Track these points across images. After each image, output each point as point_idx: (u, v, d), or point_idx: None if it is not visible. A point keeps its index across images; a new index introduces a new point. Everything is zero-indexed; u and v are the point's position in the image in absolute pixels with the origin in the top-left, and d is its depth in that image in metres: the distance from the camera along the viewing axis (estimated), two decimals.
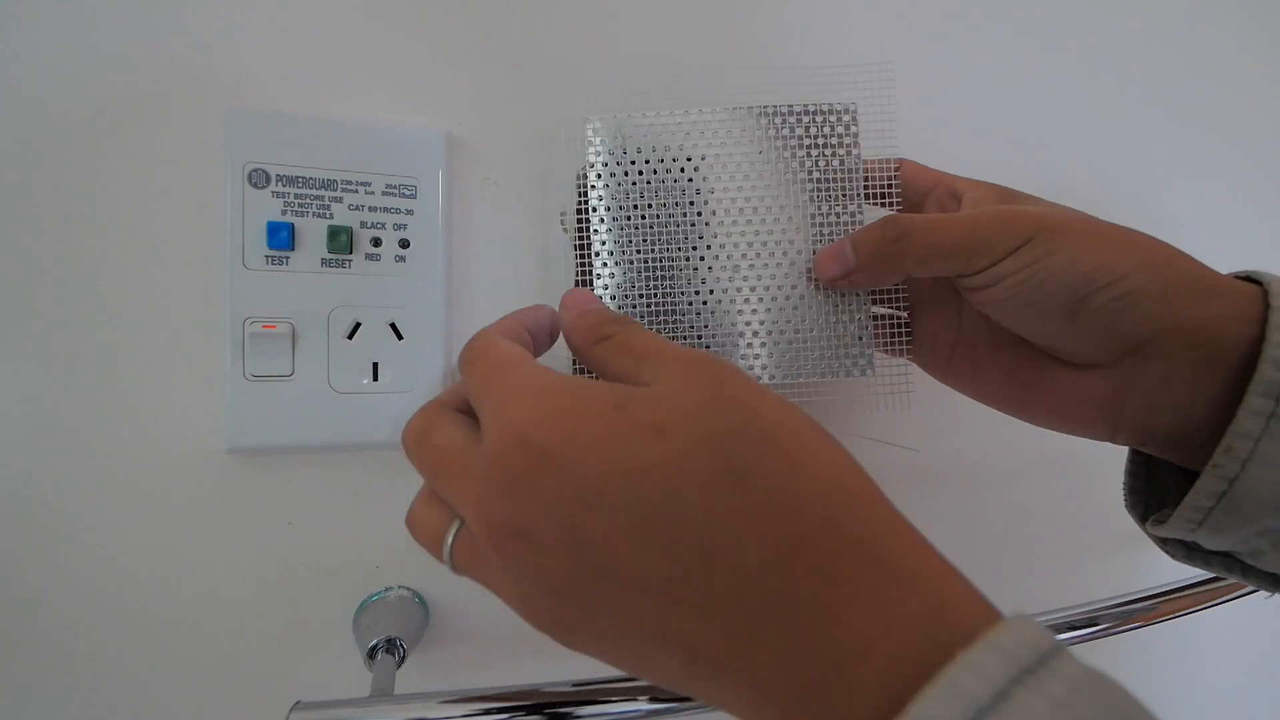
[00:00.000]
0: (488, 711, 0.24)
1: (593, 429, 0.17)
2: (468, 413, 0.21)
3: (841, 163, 0.29)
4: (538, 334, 0.25)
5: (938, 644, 0.13)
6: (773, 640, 0.15)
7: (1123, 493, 0.27)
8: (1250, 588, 0.25)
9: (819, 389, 0.30)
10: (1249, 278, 0.24)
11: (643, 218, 0.28)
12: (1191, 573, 0.37)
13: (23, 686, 0.29)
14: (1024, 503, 0.45)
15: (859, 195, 0.29)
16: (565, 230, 0.33)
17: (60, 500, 0.28)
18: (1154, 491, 0.27)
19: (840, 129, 0.29)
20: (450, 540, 0.20)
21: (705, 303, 0.29)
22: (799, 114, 0.29)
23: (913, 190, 0.30)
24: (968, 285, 0.25)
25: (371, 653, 0.29)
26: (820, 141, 0.29)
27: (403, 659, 0.29)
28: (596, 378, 0.22)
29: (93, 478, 0.28)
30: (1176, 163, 0.48)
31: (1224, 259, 0.26)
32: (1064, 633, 0.33)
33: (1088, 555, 0.49)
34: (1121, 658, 0.46)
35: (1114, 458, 0.46)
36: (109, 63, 0.27)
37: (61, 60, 0.27)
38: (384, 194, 0.30)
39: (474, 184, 0.32)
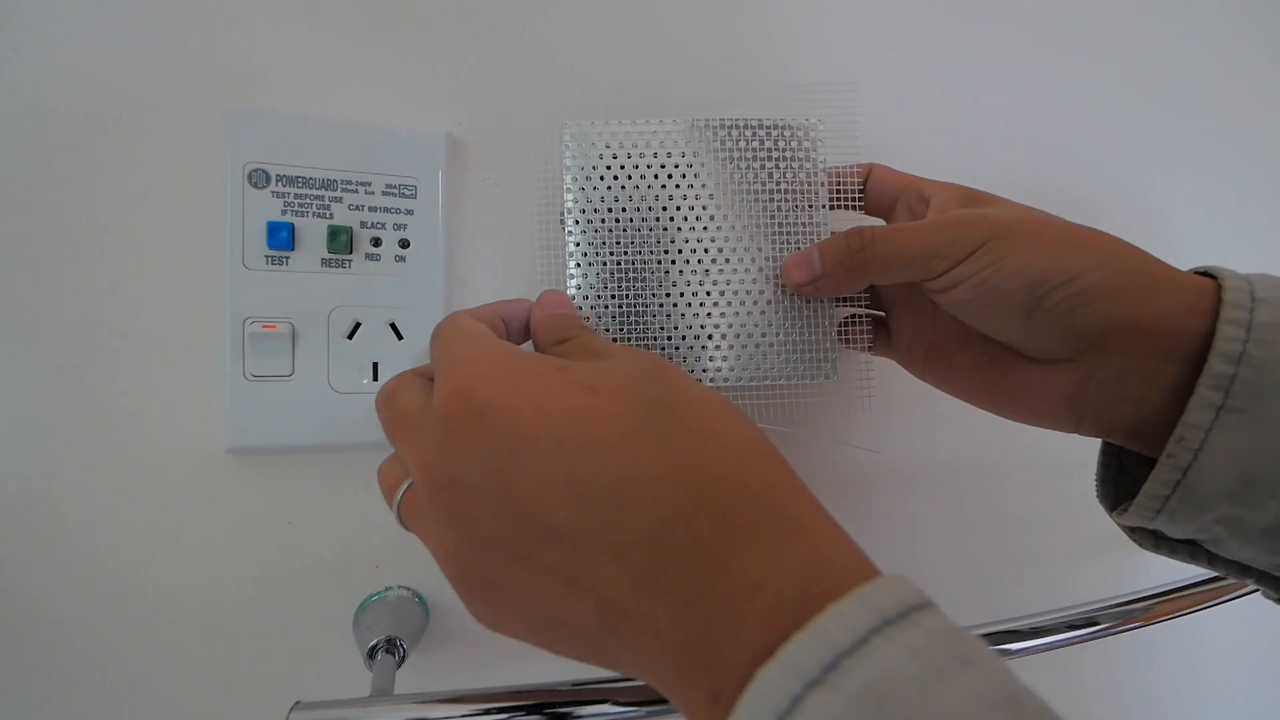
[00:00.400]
0: (488, 711, 0.24)
1: (531, 386, 0.18)
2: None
3: (807, 176, 0.30)
4: (511, 323, 0.26)
5: (816, 593, 0.14)
6: (673, 585, 0.15)
7: (1095, 483, 0.28)
8: (1251, 587, 0.26)
9: (785, 392, 0.31)
10: (1206, 273, 0.24)
11: (616, 220, 0.29)
12: (1189, 573, 0.37)
13: (23, 686, 0.29)
14: (1023, 503, 0.46)
15: (823, 206, 0.30)
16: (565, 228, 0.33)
17: (60, 500, 0.28)
18: (1124, 481, 0.27)
19: (805, 144, 0.30)
20: (400, 494, 0.21)
21: (675, 304, 0.29)
22: (767, 128, 0.30)
23: (883, 195, 0.31)
24: (932, 288, 0.26)
25: (371, 653, 0.29)
26: (784, 155, 0.30)
27: (403, 659, 0.29)
28: None
29: (93, 477, 0.28)
30: (1161, 155, 0.48)
31: (1211, 250, 0.26)
32: (1063, 633, 0.33)
33: (1085, 555, 0.49)
34: (1120, 658, 0.46)
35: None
36: (109, 62, 0.27)
37: (61, 60, 0.27)
38: (384, 194, 0.30)
39: (474, 184, 0.32)
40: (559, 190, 0.30)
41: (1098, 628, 0.34)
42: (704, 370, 0.30)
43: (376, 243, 0.30)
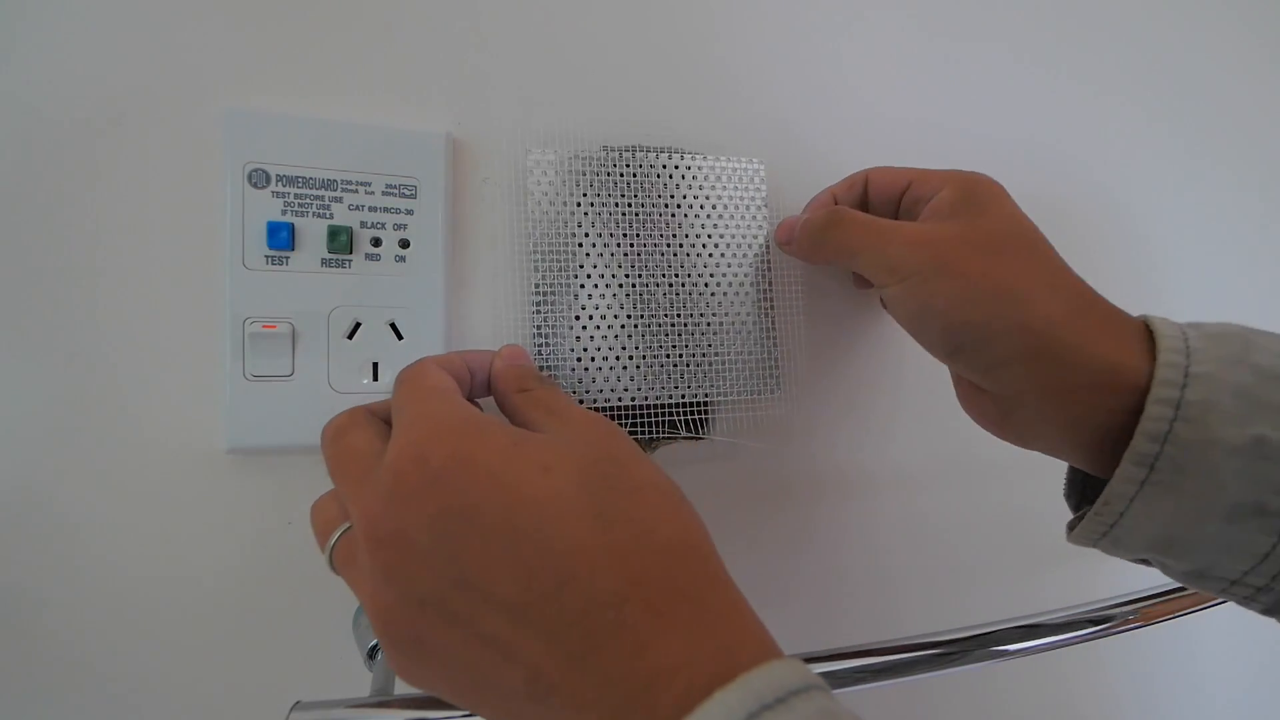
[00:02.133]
0: None
1: (487, 458, 0.19)
2: (390, 425, 0.23)
3: (751, 215, 0.34)
4: (477, 374, 0.26)
5: (715, 679, 0.15)
6: (600, 664, 0.16)
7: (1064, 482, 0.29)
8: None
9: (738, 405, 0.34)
10: (1148, 326, 0.24)
11: (579, 245, 0.32)
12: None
13: (22, 686, 0.29)
14: (1020, 504, 0.46)
15: (763, 242, 0.35)
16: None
17: (60, 500, 0.28)
18: (1090, 482, 0.28)
19: (750, 185, 0.34)
20: (335, 538, 0.22)
21: (637, 326, 0.32)
22: (717, 167, 0.34)
23: (885, 200, 0.31)
24: (881, 294, 0.28)
25: (371, 653, 0.29)
26: (734, 192, 0.34)
27: None
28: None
29: (92, 477, 0.28)
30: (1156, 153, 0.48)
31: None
32: (1063, 633, 0.33)
33: (1080, 556, 0.49)
34: (1113, 660, 0.46)
35: None
36: (109, 62, 0.27)
37: (61, 60, 0.27)
38: (384, 194, 0.30)
39: (474, 184, 0.32)
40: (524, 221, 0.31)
41: (1092, 629, 0.34)
42: (675, 387, 0.33)
43: (376, 243, 0.30)
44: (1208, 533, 0.22)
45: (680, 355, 0.33)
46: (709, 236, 0.34)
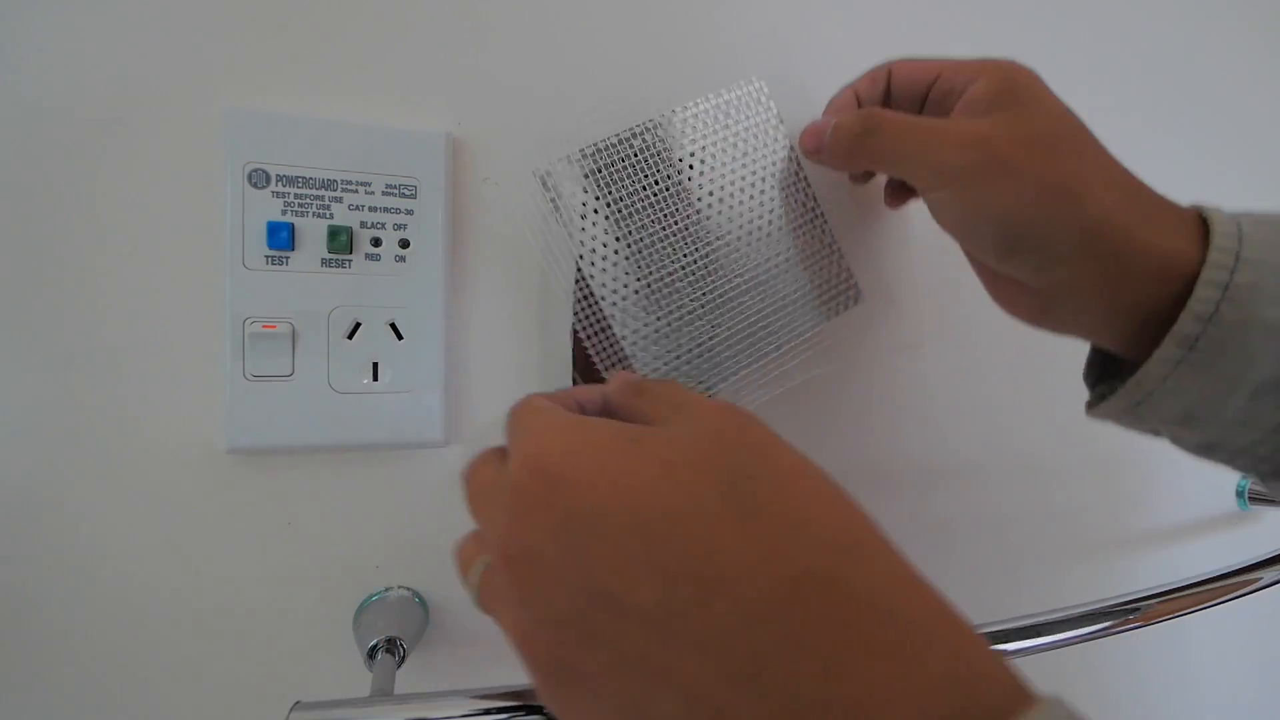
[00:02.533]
0: (488, 711, 0.24)
1: (605, 459, 0.17)
2: None
3: (768, 129, 0.33)
4: (588, 406, 0.25)
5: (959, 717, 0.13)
6: (776, 686, 0.14)
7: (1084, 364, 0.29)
8: (1245, 591, 0.26)
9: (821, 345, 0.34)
10: (1202, 215, 0.24)
11: (640, 226, 0.30)
12: (1184, 575, 0.38)
13: (21, 686, 0.29)
14: (1017, 505, 0.46)
15: (789, 158, 0.33)
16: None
17: (60, 500, 0.28)
18: (1108, 362, 0.28)
19: (761, 103, 0.33)
20: (476, 574, 0.20)
21: (704, 304, 0.31)
22: (721, 103, 0.32)
23: (910, 94, 0.30)
24: (925, 199, 0.27)
25: (371, 653, 0.29)
26: (745, 122, 0.32)
27: (403, 659, 0.29)
28: None
29: (92, 477, 0.28)
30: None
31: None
32: (1064, 633, 0.33)
33: (1078, 557, 0.49)
34: (1111, 660, 0.46)
35: (1114, 461, 0.46)
36: (109, 62, 0.27)
37: (61, 59, 0.27)
38: (384, 194, 0.30)
39: (474, 184, 0.32)
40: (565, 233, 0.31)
41: (1090, 629, 0.34)
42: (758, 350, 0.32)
43: (376, 243, 0.30)
44: (1230, 407, 0.23)
45: (750, 319, 0.32)
46: (741, 179, 0.32)
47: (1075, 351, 0.47)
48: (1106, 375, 0.28)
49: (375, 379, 0.30)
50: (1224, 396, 0.23)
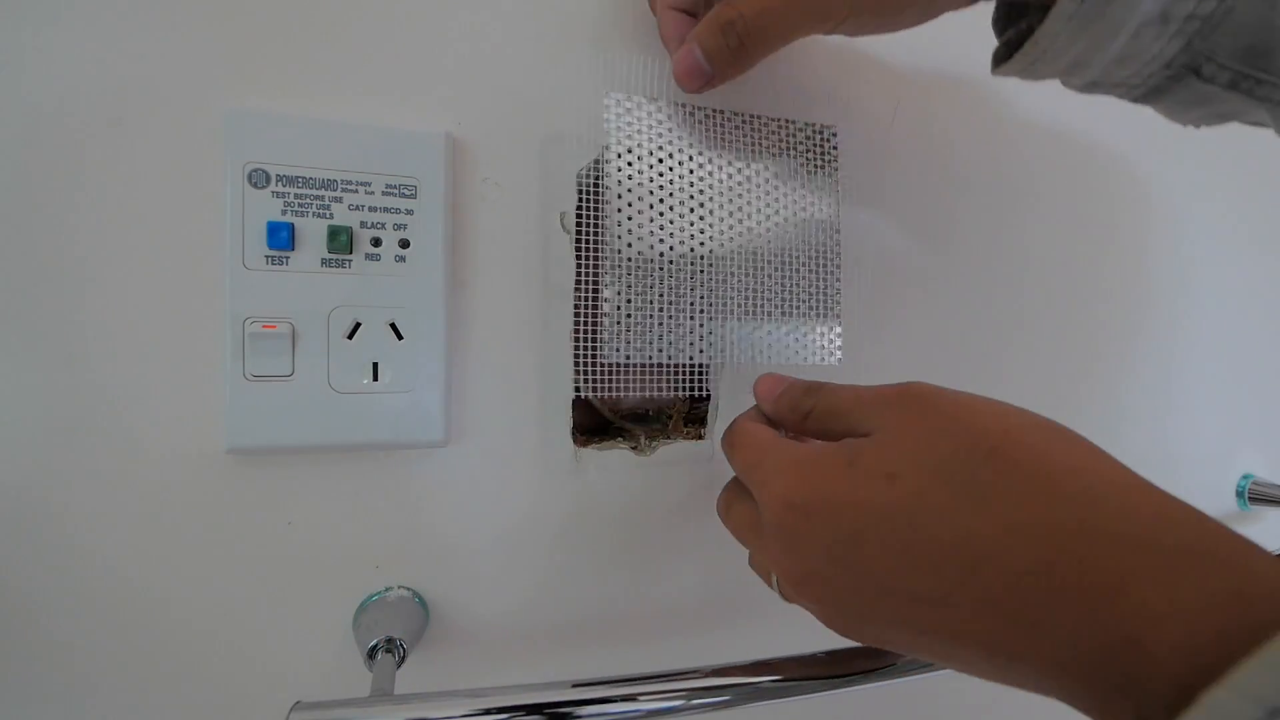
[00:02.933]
0: (488, 711, 0.24)
1: (837, 486, 0.20)
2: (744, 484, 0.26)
3: (824, 175, 0.34)
4: (784, 421, 0.28)
5: (1235, 630, 0.13)
6: (1056, 627, 0.16)
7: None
8: None
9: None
10: None
11: (658, 199, 0.31)
12: None
13: (20, 686, 0.29)
14: None
15: (835, 200, 0.35)
16: (565, 230, 0.33)
17: (59, 500, 0.28)
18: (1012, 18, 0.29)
19: (823, 143, 0.34)
20: (775, 586, 0.25)
21: (703, 297, 0.32)
22: (787, 126, 0.34)
23: None
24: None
25: (371, 653, 0.29)
26: (803, 151, 0.34)
27: (403, 659, 0.29)
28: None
29: (92, 477, 0.28)
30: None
31: None
32: None
33: None
34: None
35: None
36: (109, 62, 0.27)
37: (61, 59, 0.27)
38: (384, 194, 0.30)
39: (474, 184, 0.32)
40: (571, 189, 0.31)
41: None
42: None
43: (376, 243, 0.30)
44: (1112, 49, 0.25)
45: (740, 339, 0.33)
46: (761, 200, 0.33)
47: (1074, 352, 0.47)
48: (1004, 28, 0.29)
49: (375, 379, 0.30)
50: (1109, 40, 0.25)
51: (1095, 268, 0.47)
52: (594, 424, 0.37)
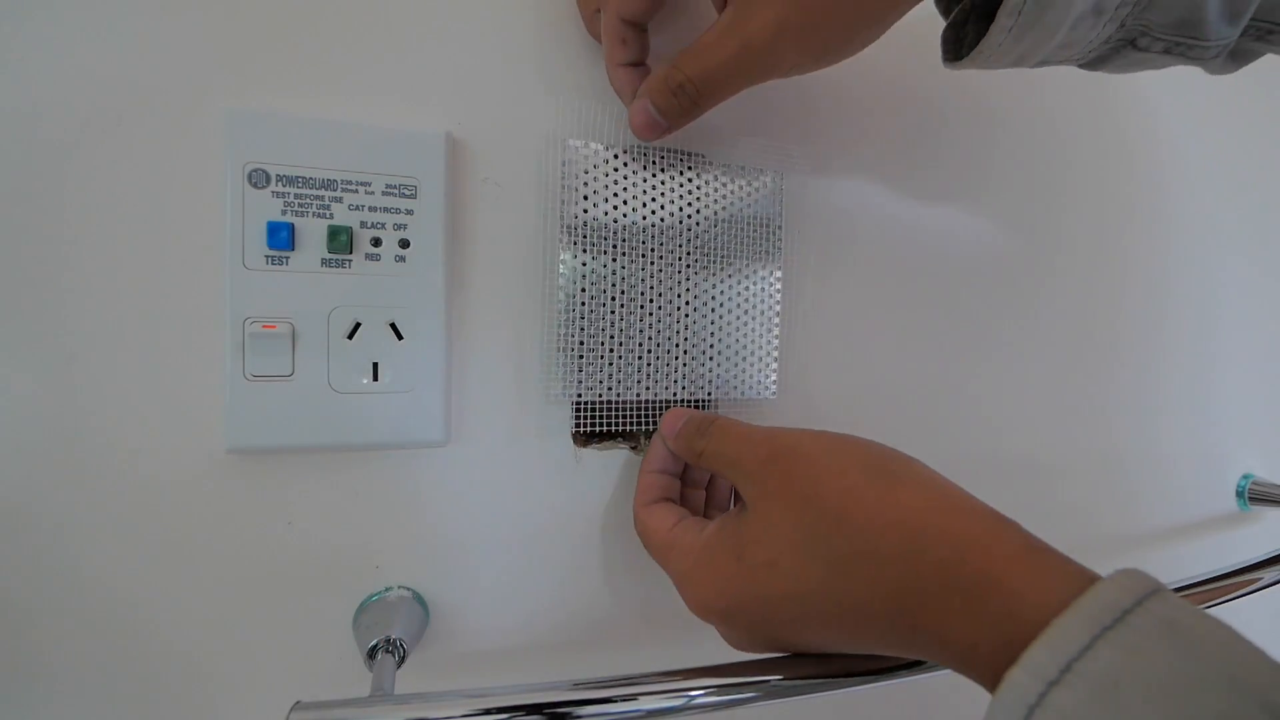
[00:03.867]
0: (488, 711, 0.24)
1: (735, 586, 0.25)
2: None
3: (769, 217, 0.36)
4: (674, 470, 0.33)
5: (1014, 639, 0.18)
6: (924, 647, 0.22)
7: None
8: (1245, 591, 0.27)
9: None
10: None
11: (611, 244, 0.33)
12: (1185, 575, 0.38)
13: (20, 687, 0.29)
14: (1023, 504, 0.46)
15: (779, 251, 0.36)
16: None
17: (60, 500, 0.28)
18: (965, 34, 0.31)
19: (768, 186, 0.36)
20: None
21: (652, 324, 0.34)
22: (735, 169, 0.35)
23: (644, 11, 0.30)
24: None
25: (371, 653, 0.29)
26: (748, 193, 0.35)
27: (403, 659, 0.29)
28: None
29: (92, 478, 0.28)
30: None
31: None
32: None
33: (1080, 556, 0.49)
34: None
35: (1114, 461, 0.46)
36: (108, 62, 0.27)
37: (61, 59, 0.27)
38: (384, 194, 0.30)
39: (474, 184, 0.32)
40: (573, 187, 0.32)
41: None
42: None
43: (376, 243, 0.30)
44: (1053, 44, 0.27)
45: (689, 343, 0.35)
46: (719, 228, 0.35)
47: (1070, 352, 0.47)
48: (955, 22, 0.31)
49: (375, 379, 0.30)
50: (1048, 39, 0.27)
51: (1095, 268, 0.47)
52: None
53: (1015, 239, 0.44)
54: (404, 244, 0.30)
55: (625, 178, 0.33)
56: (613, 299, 0.33)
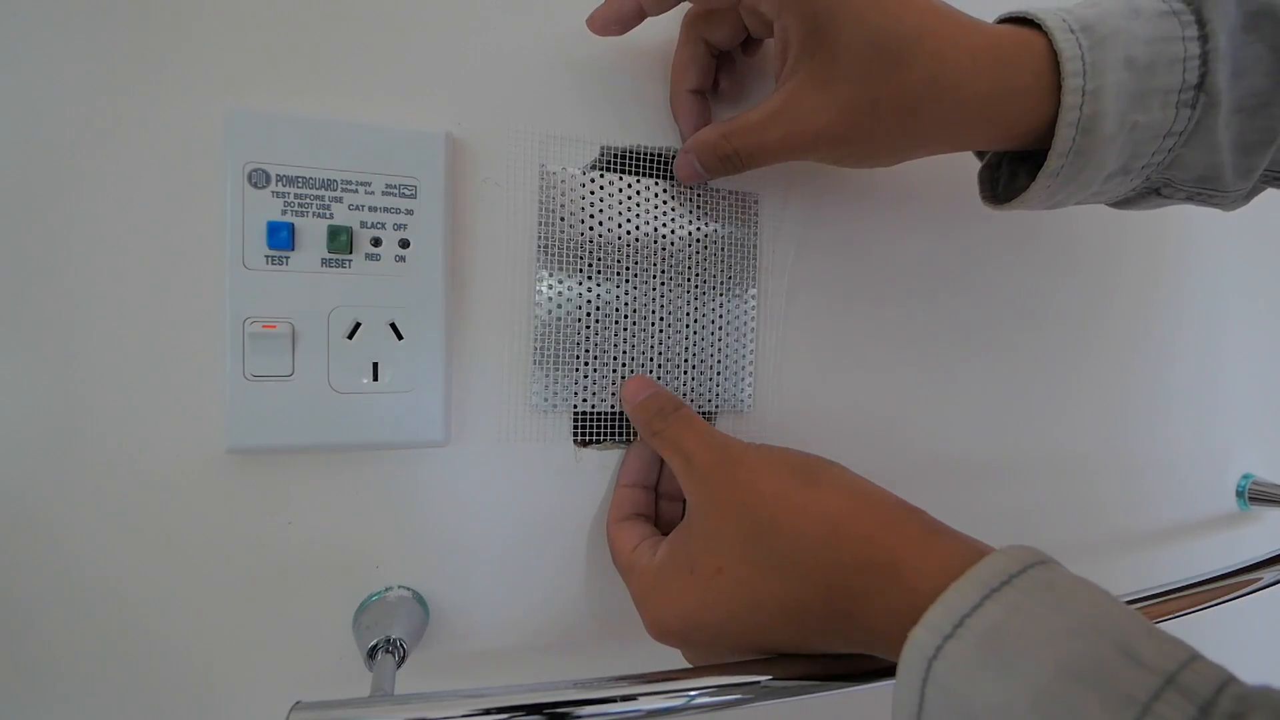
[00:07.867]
0: (488, 711, 0.24)
1: (689, 600, 0.27)
2: None
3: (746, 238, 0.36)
4: (648, 469, 0.35)
5: (918, 607, 0.20)
6: (850, 635, 0.24)
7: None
8: (1245, 591, 0.28)
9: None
10: (1048, 43, 0.27)
11: (585, 262, 0.34)
12: (1185, 575, 0.38)
13: (19, 686, 0.29)
14: (1029, 502, 0.46)
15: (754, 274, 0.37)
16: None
17: (60, 499, 0.28)
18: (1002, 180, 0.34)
19: (746, 210, 0.36)
20: None
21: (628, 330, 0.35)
22: (712, 193, 0.36)
23: (728, 36, 0.31)
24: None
25: (371, 653, 0.29)
26: (726, 216, 0.36)
27: (403, 659, 0.29)
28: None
29: (92, 478, 0.28)
30: None
31: None
32: None
33: (1085, 556, 0.49)
34: None
35: (1114, 461, 0.46)
36: (108, 62, 0.27)
37: (61, 59, 0.27)
38: (384, 194, 0.30)
39: (474, 184, 0.32)
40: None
41: None
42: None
43: (376, 243, 0.30)
44: (1087, 193, 0.31)
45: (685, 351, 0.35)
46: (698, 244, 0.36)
47: (1071, 352, 0.47)
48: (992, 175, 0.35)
49: (375, 379, 0.30)
50: (1082, 191, 0.30)
51: (1095, 268, 0.47)
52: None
53: (1014, 246, 0.44)
54: (404, 244, 0.30)
55: (601, 200, 0.34)
56: (588, 314, 0.34)
